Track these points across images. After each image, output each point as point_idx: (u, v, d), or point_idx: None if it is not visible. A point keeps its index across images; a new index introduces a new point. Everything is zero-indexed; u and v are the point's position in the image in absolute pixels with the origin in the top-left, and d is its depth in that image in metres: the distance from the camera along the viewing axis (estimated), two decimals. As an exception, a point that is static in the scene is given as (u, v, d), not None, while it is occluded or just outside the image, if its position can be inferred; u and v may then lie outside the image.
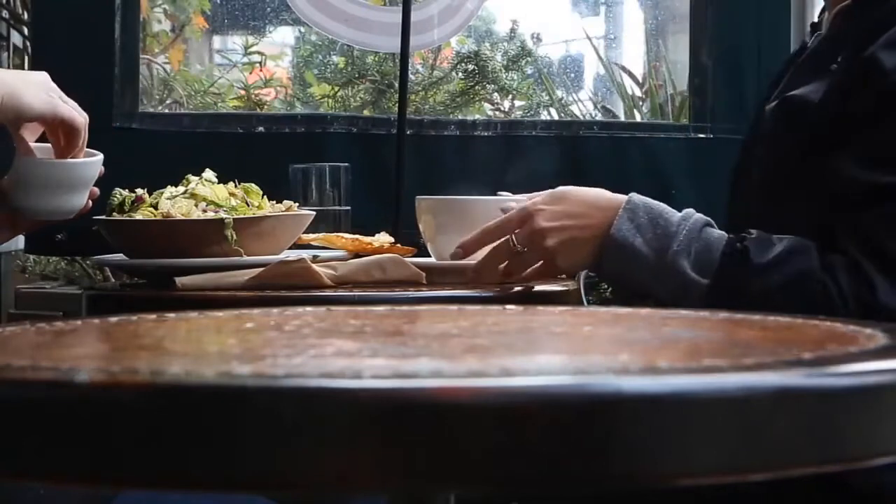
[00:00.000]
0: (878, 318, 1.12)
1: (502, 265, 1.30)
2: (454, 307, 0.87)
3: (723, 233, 1.23)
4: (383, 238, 1.50)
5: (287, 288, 1.27)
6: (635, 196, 1.25)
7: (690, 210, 1.25)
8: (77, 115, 1.22)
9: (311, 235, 1.49)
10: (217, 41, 3.58)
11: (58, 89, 1.23)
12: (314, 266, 1.29)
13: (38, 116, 1.21)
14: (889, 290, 1.14)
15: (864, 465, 0.53)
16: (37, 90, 1.20)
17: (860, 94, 1.17)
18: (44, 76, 1.23)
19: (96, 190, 1.31)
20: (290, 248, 1.43)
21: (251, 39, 3.14)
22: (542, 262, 1.29)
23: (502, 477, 0.45)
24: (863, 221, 1.17)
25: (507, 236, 1.28)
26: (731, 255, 1.19)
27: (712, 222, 1.25)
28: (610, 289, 2.17)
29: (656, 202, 1.25)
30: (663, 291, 1.22)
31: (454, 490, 0.58)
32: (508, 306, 0.86)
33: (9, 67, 3.40)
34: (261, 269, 1.29)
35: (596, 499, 1.10)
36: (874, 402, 0.50)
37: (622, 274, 1.26)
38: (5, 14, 3.27)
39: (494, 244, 1.30)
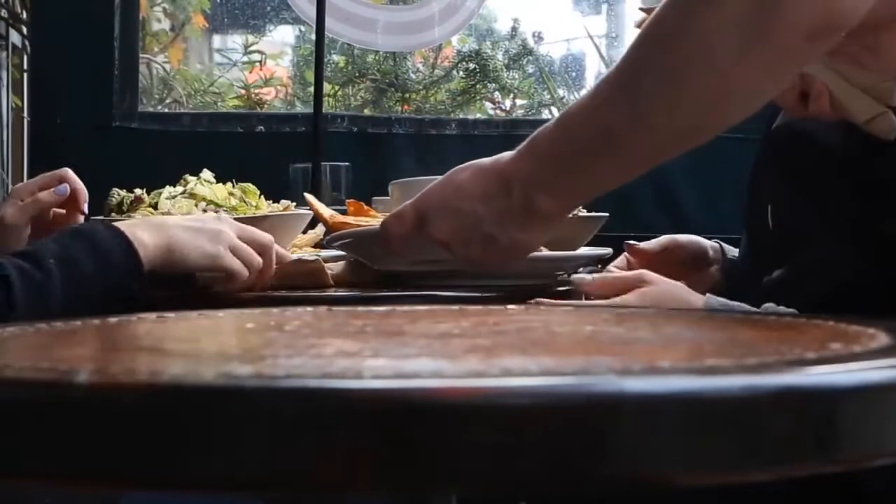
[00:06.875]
0: None
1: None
2: (455, 307, 0.86)
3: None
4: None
5: (287, 288, 1.26)
6: (711, 299, 1.23)
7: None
8: (241, 269, 1.23)
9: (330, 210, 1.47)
10: (217, 40, 3.58)
11: (234, 235, 1.23)
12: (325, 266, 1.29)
13: (195, 270, 1.24)
14: None
15: (868, 465, 0.53)
16: (203, 241, 1.21)
17: None
18: (226, 224, 1.24)
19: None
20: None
21: (251, 38, 3.14)
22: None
23: (503, 477, 0.45)
24: None
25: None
26: None
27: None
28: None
29: (733, 303, 1.22)
30: None
31: (454, 490, 0.58)
32: (510, 306, 0.86)
33: (8, 67, 3.40)
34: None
35: (596, 499, 1.09)
36: (877, 402, 0.50)
37: None
38: (4, 13, 3.27)
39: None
